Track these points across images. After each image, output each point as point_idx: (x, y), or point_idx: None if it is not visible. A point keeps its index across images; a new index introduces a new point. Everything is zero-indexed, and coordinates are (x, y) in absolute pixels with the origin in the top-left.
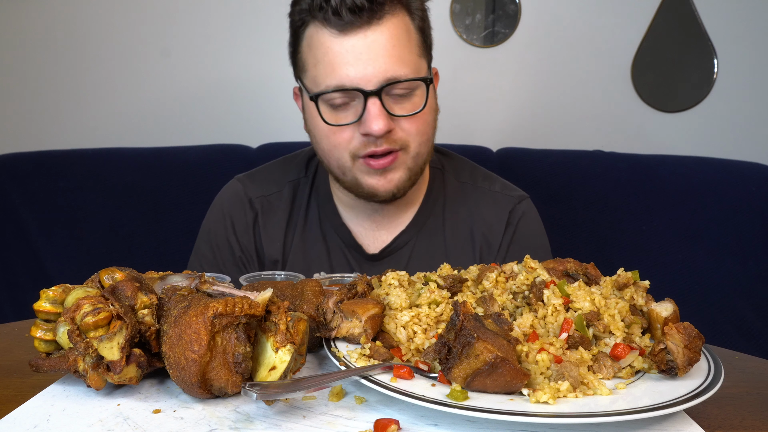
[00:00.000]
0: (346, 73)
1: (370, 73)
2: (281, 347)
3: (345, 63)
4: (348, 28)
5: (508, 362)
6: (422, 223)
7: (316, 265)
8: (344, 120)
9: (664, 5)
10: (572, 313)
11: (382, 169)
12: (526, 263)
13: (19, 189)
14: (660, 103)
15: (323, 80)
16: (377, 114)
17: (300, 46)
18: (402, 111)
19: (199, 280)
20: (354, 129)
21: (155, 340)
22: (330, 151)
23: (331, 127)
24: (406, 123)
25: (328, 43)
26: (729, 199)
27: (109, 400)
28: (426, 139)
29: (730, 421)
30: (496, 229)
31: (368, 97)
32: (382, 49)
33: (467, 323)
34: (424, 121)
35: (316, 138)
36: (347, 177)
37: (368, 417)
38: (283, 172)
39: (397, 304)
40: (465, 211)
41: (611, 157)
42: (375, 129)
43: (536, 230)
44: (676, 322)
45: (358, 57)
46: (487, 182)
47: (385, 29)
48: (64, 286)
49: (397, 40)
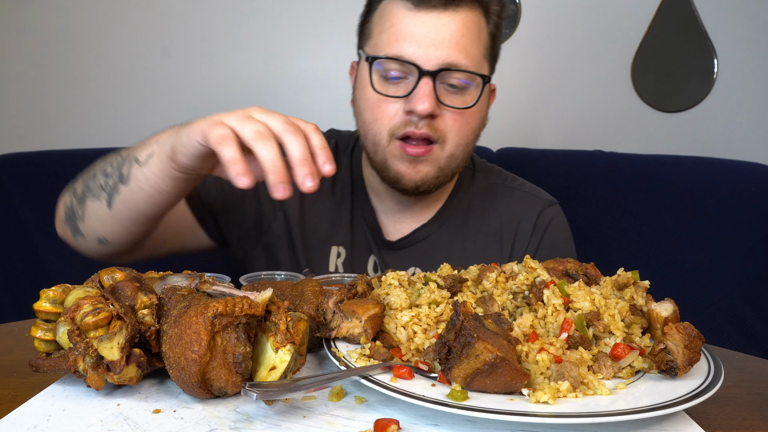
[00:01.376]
0: (408, 45)
1: (432, 54)
2: (281, 347)
3: (410, 36)
4: (423, 6)
5: (508, 362)
6: (445, 219)
7: (339, 235)
8: (393, 93)
9: (664, 5)
10: (572, 313)
11: (413, 158)
12: (526, 263)
13: (19, 189)
14: (660, 103)
15: (383, 48)
16: (427, 94)
17: (372, 15)
18: (451, 102)
19: (199, 280)
20: (400, 105)
21: (155, 340)
22: (371, 123)
23: (378, 98)
24: (450, 117)
25: (399, 14)
26: (729, 199)
27: (109, 400)
28: (464, 142)
29: (730, 421)
30: (523, 229)
31: (423, 76)
32: (450, 34)
33: (467, 323)
34: (468, 121)
35: (360, 109)
36: (378, 156)
37: (368, 417)
38: (329, 136)
39: (397, 304)
40: (492, 210)
41: (611, 157)
42: (420, 108)
43: (565, 236)
44: (676, 322)
45: (425, 35)
46: (516, 183)
47: (459, 18)
48: (64, 286)
49: (467, 31)
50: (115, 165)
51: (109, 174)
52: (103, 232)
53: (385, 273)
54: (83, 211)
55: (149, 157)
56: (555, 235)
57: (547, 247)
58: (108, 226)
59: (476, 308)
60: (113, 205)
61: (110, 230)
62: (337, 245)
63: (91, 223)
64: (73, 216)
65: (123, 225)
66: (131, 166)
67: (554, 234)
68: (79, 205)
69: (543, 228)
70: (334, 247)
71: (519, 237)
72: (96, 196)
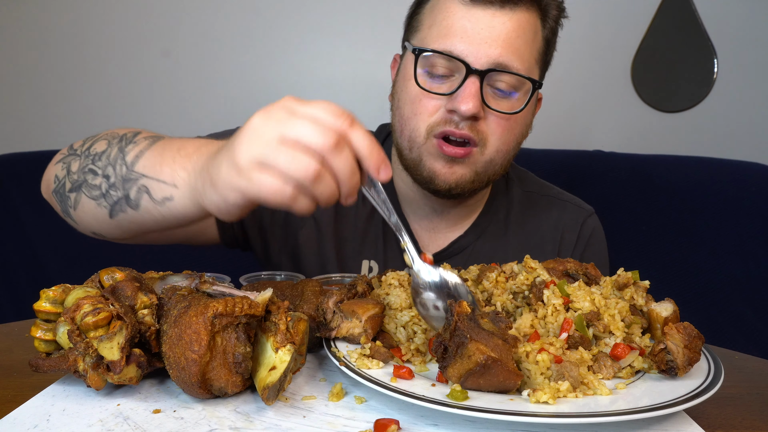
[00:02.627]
0: (459, 41)
1: (482, 52)
2: (281, 347)
3: (462, 32)
4: (481, 2)
5: (500, 363)
6: (483, 229)
7: (371, 250)
8: (436, 89)
9: (664, 5)
10: (572, 313)
11: (450, 158)
12: (526, 263)
13: (19, 189)
14: (660, 103)
15: (432, 41)
16: (472, 94)
17: (422, 8)
18: (497, 106)
19: (199, 280)
20: (442, 102)
21: (155, 340)
22: (409, 118)
23: (420, 92)
24: (494, 121)
25: (453, 8)
26: (729, 199)
27: (109, 400)
28: (506, 149)
29: (730, 421)
30: (568, 239)
31: (470, 75)
32: (504, 34)
33: (461, 323)
34: (512, 127)
35: (399, 103)
36: (413, 153)
37: (368, 417)
38: None
39: (397, 304)
40: (533, 220)
41: (611, 157)
42: (463, 108)
43: (604, 247)
44: (676, 322)
45: (478, 32)
46: (553, 191)
47: (515, 19)
48: (64, 286)
49: (522, 32)
50: (117, 174)
51: (112, 184)
52: (98, 229)
53: (385, 273)
54: (76, 203)
55: (166, 200)
56: (598, 245)
57: (589, 257)
58: (105, 227)
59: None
60: (115, 217)
61: (108, 231)
62: (368, 259)
63: (85, 218)
64: (64, 198)
65: (124, 231)
66: (141, 196)
67: (597, 244)
68: (72, 192)
69: (586, 238)
70: (365, 261)
71: (564, 247)
72: (93, 199)
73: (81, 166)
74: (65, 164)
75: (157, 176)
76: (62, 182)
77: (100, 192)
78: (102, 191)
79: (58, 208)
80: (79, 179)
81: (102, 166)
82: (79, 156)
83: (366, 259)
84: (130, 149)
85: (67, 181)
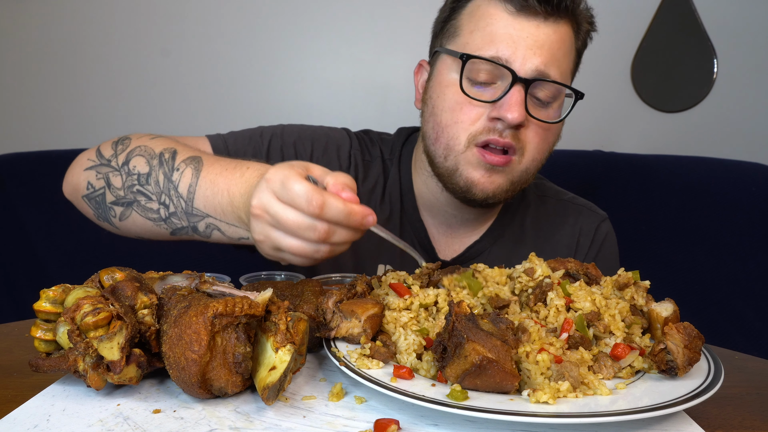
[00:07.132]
0: (505, 47)
1: (529, 61)
2: (281, 347)
3: (509, 39)
4: (526, 12)
5: (497, 364)
6: (499, 234)
7: (387, 252)
8: (480, 96)
9: (664, 5)
10: (573, 313)
11: (491, 167)
12: (531, 260)
13: (19, 189)
14: (660, 103)
15: (477, 48)
16: (519, 102)
17: (459, 13)
18: (537, 115)
19: (199, 280)
20: (484, 110)
21: (155, 340)
22: (448, 126)
23: (461, 100)
24: (533, 129)
25: (498, 15)
26: (729, 199)
27: (109, 400)
28: (540, 157)
29: (730, 421)
30: (583, 243)
31: (516, 83)
32: (548, 44)
33: (459, 324)
34: (547, 136)
35: (436, 110)
36: (448, 162)
37: (368, 417)
38: (368, 141)
39: (396, 304)
40: (549, 224)
41: (611, 157)
42: (510, 117)
43: (616, 252)
44: (676, 322)
45: (524, 40)
46: (567, 196)
47: (558, 31)
48: (64, 286)
49: (562, 44)
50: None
51: (173, 212)
52: (149, 237)
53: (385, 273)
54: (124, 216)
55: (242, 238)
56: (609, 250)
57: (602, 261)
58: (160, 237)
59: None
60: (178, 235)
61: (160, 239)
62: (384, 263)
63: (133, 228)
64: (104, 208)
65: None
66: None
67: (609, 249)
68: (118, 207)
69: (600, 243)
70: (381, 266)
71: (579, 252)
72: (151, 220)
73: (126, 185)
74: (101, 174)
75: (225, 219)
76: (99, 192)
77: (160, 216)
78: (162, 216)
79: (89, 212)
80: (127, 197)
81: (154, 192)
82: (117, 171)
83: (381, 263)
84: (177, 179)
85: (108, 193)
